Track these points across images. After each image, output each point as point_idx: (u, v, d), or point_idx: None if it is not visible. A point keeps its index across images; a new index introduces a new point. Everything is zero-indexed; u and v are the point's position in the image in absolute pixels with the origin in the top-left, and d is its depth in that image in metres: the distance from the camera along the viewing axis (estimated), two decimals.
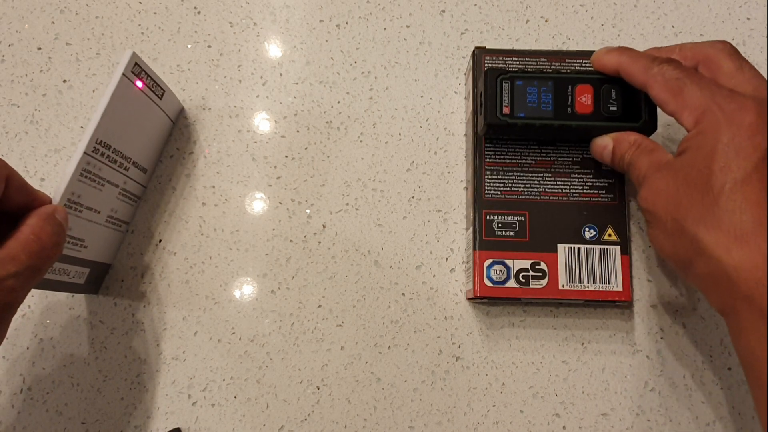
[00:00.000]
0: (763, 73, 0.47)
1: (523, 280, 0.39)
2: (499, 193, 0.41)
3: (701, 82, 0.31)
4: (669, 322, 0.42)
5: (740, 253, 0.27)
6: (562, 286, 0.39)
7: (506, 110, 0.38)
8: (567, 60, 0.42)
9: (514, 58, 0.43)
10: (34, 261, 0.28)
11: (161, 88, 0.41)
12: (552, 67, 0.41)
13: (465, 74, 0.47)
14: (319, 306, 0.43)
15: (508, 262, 0.39)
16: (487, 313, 0.43)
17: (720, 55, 0.33)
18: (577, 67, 0.42)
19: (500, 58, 0.43)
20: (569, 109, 0.38)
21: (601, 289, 0.39)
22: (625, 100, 0.37)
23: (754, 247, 0.27)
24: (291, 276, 0.43)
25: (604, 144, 0.38)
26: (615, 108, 0.37)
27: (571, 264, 0.39)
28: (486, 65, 0.42)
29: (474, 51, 0.43)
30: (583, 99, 0.37)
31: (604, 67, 0.37)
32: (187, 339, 0.42)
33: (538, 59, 0.42)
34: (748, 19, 0.48)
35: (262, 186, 0.45)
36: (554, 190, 0.41)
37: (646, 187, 0.33)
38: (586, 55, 0.42)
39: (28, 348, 0.42)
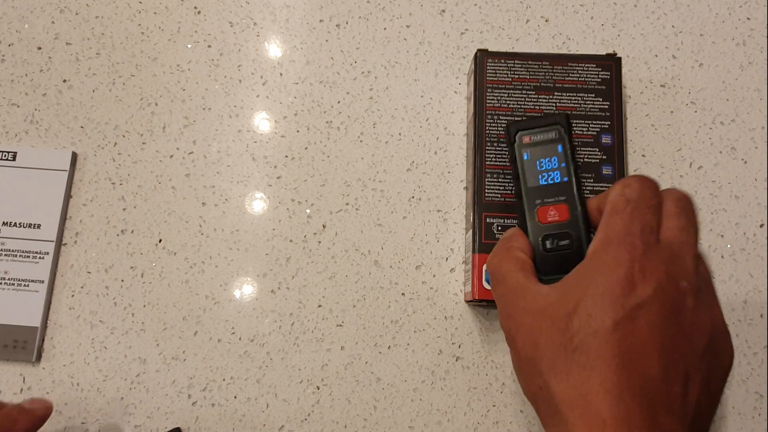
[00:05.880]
0: (763, 72, 0.47)
1: None
2: (499, 196, 0.41)
3: (635, 218, 0.28)
4: None
5: (580, 413, 0.25)
6: None
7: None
8: (569, 63, 0.42)
9: (516, 61, 0.43)
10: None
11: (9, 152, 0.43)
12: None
13: (467, 75, 0.47)
14: (319, 306, 0.43)
15: None
16: (487, 314, 0.43)
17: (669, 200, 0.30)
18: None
19: (502, 61, 0.42)
20: (539, 202, 0.34)
21: None
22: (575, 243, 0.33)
23: (594, 412, 0.25)
24: (291, 276, 0.43)
25: (504, 235, 0.34)
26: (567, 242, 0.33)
27: None
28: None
29: (476, 54, 0.43)
30: (552, 213, 0.34)
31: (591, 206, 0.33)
32: (187, 339, 0.42)
33: (540, 63, 0.42)
34: (748, 19, 0.48)
35: (262, 186, 0.45)
36: None
37: (512, 311, 0.30)
38: (588, 59, 0.42)
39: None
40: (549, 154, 0.35)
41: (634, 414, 0.24)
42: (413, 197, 0.45)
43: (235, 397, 0.41)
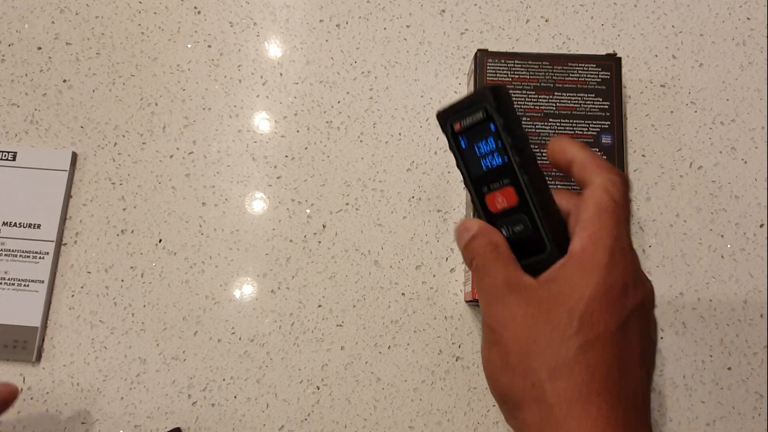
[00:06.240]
0: (763, 72, 0.47)
1: None
2: None
3: (622, 221, 0.28)
4: (669, 322, 0.42)
5: (579, 414, 0.25)
6: None
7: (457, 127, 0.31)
8: (569, 63, 0.42)
9: (516, 61, 0.43)
10: None
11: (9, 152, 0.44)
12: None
13: (467, 75, 0.47)
14: (319, 306, 0.43)
15: None
16: None
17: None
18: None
19: (502, 61, 0.43)
20: (485, 190, 0.31)
21: None
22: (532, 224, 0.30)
23: (594, 409, 0.25)
24: (291, 276, 0.43)
25: (467, 227, 0.31)
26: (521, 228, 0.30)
27: None
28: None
29: (476, 54, 0.43)
30: (500, 200, 0.31)
31: (556, 153, 0.31)
32: (187, 339, 0.42)
33: (540, 63, 0.42)
34: (748, 19, 0.48)
35: (262, 186, 0.45)
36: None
37: (500, 306, 0.29)
38: (588, 59, 0.42)
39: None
40: (484, 137, 0.30)
41: (630, 415, 0.25)
42: (413, 197, 0.45)
43: (235, 397, 0.41)
